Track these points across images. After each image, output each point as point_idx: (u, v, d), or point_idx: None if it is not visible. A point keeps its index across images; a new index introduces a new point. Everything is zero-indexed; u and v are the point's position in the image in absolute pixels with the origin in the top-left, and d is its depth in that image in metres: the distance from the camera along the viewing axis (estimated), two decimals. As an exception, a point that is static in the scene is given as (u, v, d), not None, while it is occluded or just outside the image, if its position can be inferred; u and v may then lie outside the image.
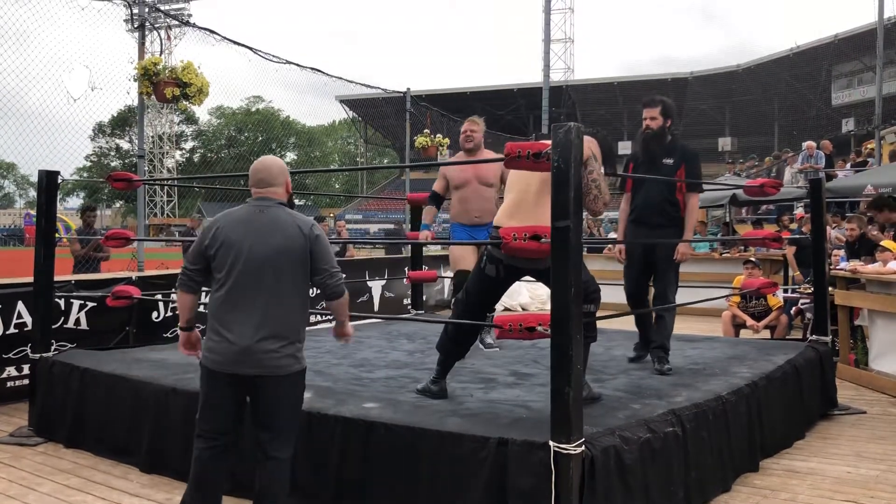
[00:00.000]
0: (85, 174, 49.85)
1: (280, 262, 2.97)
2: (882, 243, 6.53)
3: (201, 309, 3.42)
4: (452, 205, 5.73)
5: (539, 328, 3.06)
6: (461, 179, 5.58)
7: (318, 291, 3.18)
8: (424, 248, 9.24)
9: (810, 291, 6.39)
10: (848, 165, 16.09)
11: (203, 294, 3.44)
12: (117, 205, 57.64)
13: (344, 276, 3.13)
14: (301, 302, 3.04)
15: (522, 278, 3.94)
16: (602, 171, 3.63)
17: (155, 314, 6.60)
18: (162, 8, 8.02)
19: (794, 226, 11.74)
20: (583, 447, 2.86)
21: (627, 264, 5.16)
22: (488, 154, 5.56)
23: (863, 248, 7.49)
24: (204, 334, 3.06)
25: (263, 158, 3.19)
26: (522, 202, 3.62)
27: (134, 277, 6.60)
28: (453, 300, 6.32)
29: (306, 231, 3.03)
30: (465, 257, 5.46)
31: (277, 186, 3.12)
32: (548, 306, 3.00)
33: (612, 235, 14.63)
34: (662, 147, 4.86)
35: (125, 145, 56.87)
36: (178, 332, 3.29)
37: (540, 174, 3.48)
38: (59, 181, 5.07)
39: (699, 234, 5.04)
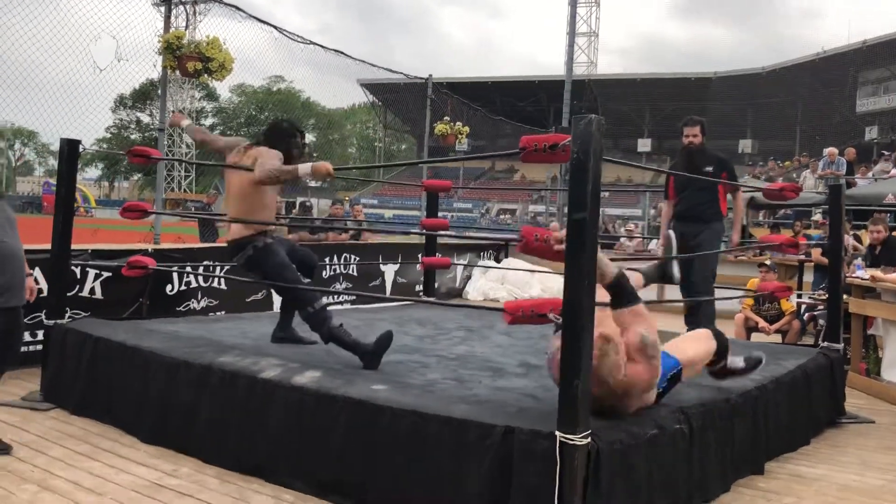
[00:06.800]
0: (105, 146, 50.11)
1: None
2: None
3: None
4: None
5: (550, 315, 3.06)
6: None
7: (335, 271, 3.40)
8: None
9: (824, 298, 6.35)
10: (871, 173, 15.92)
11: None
12: (135, 177, 57.93)
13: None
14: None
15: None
16: None
17: (169, 287, 6.65)
18: (188, -18, 7.98)
19: (810, 232, 11.64)
20: (589, 439, 2.86)
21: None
22: None
23: (885, 253, 7.34)
24: None
25: None
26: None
27: (150, 249, 6.64)
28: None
29: None
30: None
31: None
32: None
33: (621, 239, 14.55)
34: (703, 158, 5.58)
35: (145, 118, 57.05)
36: None
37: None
38: (81, 150, 5.09)
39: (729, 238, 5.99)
